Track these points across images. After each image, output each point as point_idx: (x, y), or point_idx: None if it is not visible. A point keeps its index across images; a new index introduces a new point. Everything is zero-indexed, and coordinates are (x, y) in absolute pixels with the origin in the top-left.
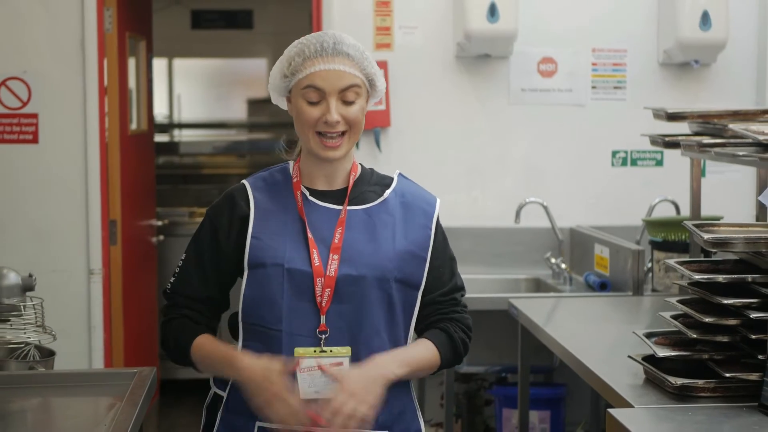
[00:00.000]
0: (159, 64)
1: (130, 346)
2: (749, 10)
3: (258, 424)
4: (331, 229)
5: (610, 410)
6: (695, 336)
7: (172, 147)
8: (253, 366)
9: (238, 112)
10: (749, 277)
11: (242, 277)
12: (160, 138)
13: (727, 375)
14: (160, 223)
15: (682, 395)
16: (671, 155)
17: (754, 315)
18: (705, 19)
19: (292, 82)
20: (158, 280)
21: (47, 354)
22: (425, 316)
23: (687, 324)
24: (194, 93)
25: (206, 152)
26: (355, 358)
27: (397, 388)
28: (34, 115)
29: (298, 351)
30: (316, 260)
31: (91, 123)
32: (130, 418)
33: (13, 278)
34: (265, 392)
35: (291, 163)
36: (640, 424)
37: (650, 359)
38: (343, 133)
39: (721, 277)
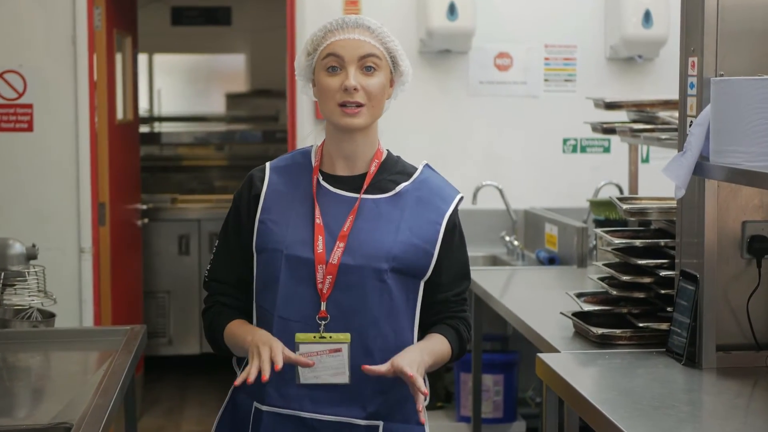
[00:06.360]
0: (140, 60)
1: (118, 320)
2: None
3: (255, 404)
4: (341, 217)
5: (540, 354)
6: (616, 293)
7: (153, 138)
8: (262, 334)
9: (217, 106)
10: (662, 242)
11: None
12: (141, 130)
13: (641, 325)
14: (144, 207)
15: (603, 343)
16: (618, 143)
17: (663, 273)
18: (647, 18)
19: (314, 58)
20: (143, 261)
21: (48, 316)
22: (436, 312)
23: (611, 284)
24: (174, 87)
25: (186, 143)
26: (353, 345)
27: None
28: (30, 106)
29: (299, 336)
30: (320, 247)
31: (82, 113)
32: (125, 363)
33: (18, 248)
34: (260, 347)
35: (315, 146)
36: (564, 366)
37: (579, 315)
38: (362, 105)
39: (638, 242)
